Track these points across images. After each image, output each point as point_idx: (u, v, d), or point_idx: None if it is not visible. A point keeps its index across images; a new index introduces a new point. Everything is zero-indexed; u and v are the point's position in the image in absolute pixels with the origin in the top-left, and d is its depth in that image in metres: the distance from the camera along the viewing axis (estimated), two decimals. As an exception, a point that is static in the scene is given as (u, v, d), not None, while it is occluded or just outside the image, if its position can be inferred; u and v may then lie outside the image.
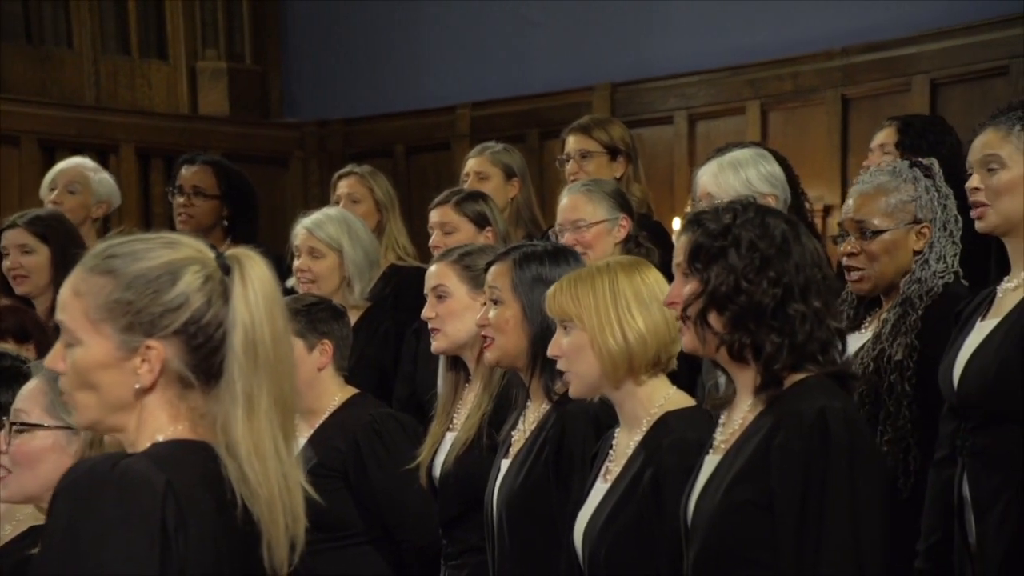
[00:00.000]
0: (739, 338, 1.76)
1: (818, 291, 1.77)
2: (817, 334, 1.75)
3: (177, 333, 1.34)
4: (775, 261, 1.76)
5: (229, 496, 1.32)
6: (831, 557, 1.68)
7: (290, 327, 1.39)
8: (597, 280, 2.02)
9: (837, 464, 1.68)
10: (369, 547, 2.59)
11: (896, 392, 2.37)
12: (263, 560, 1.33)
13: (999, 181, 2.21)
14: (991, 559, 2.18)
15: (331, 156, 5.54)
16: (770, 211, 1.83)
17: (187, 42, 5.52)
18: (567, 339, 2.03)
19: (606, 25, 5.11)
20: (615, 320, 1.99)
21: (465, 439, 2.41)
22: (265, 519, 1.33)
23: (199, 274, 1.36)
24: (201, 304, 1.35)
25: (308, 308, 2.67)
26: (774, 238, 1.77)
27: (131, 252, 1.36)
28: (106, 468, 1.29)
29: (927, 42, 4.39)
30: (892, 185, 2.48)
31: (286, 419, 1.36)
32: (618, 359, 1.99)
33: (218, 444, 1.35)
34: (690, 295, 1.80)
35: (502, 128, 4.88)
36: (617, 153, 3.48)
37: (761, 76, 4.74)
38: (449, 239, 3.19)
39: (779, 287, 1.75)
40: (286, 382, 1.35)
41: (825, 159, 4.59)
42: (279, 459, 1.34)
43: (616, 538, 1.96)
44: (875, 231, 2.46)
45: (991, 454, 2.20)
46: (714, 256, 1.78)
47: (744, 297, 1.76)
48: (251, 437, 1.33)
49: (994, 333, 2.22)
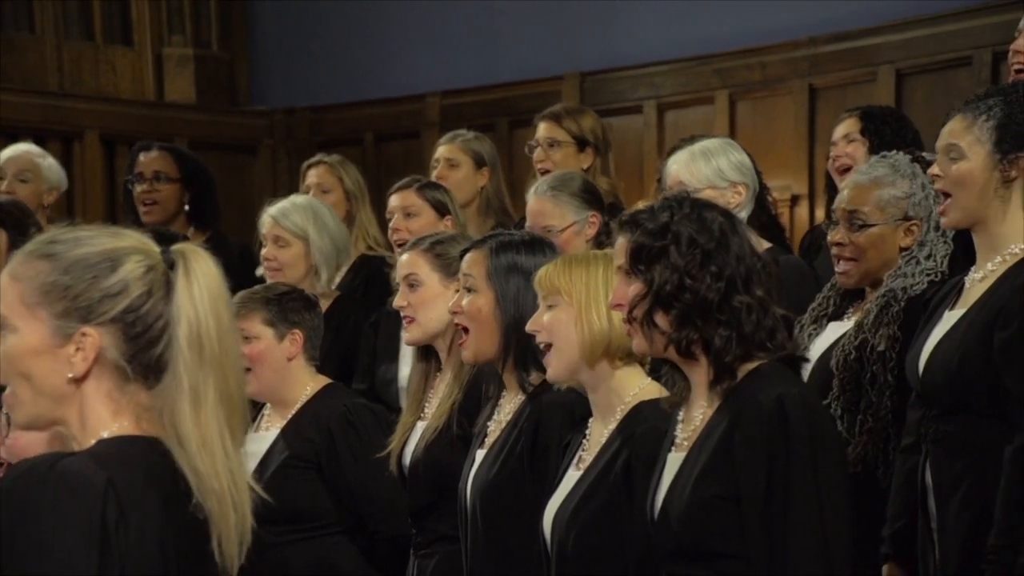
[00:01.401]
0: (687, 335, 1.77)
1: (759, 279, 1.78)
2: (764, 322, 1.77)
3: (115, 321, 1.33)
4: (716, 255, 1.77)
5: (182, 488, 1.32)
6: (798, 543, 1.70)
7: (240, 311, 1.37)
8: (592, 264, 2.04)
9: (799, 450, 1.70)
10: (342, 537, 2.59)
11: (879, 382, 2.39)
12: (214, 555, 1.32)
13: (957, 171, 2.22)
14: (952, 544, 2.22)
15: (300, 144, 5.51)
16: (706, 205, 1.84)
17: (152, 28, 5.45)
18: (549, 315, 2.04)
19: (575, 14, 5.11)
20: (604, 302, 2.00)
21: (435, 428, 2.41)
22: (215, 513, 1.32)
23: (141, 263, 1.35)
24: (141, 293, 1.34)
25: (279, 297, 2.66)
26: (712, 232, 1.78)
27: (73, 238, 1.35)
28: (44, 469, 1.28)
29: (892, 32, 4.43)
30: (889, 179, 2.47)
31: (232, 415, 1.35)
32: (598, 338, 2.00)
33: (167, 438, 1.34)
34: (635, 296, 1.80)
35: (472, 117, 4.86)
36: (586, 144, 3.48)
37: (729, 66, 4.76)
38: (412, 223, 3.19)
39: (722, 280, 1.76)
40: (232, 377, 1.35)
41: (792, 148, 4.62)
42: (226, 455, 1.33)
43: (585, 524, 1.97)
44: (864, 224, 2.47)
45: (953, 441, 2.23)
46: (656, 255, 1.79)
47: (689, 294, 1.77)
48: (199, 431, 1.32)
49: (959, 323, 2.24)
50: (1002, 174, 2.22)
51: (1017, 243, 2.24)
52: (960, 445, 2.22)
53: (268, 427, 2.69)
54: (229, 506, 1.32)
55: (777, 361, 1.77)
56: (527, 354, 2.19)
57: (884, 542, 2.35)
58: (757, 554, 1.72)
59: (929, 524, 2.26)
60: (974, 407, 2.21)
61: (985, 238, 2.27)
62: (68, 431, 1.35)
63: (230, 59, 5.69)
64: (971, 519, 2.19)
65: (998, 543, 2.11)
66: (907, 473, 2.31)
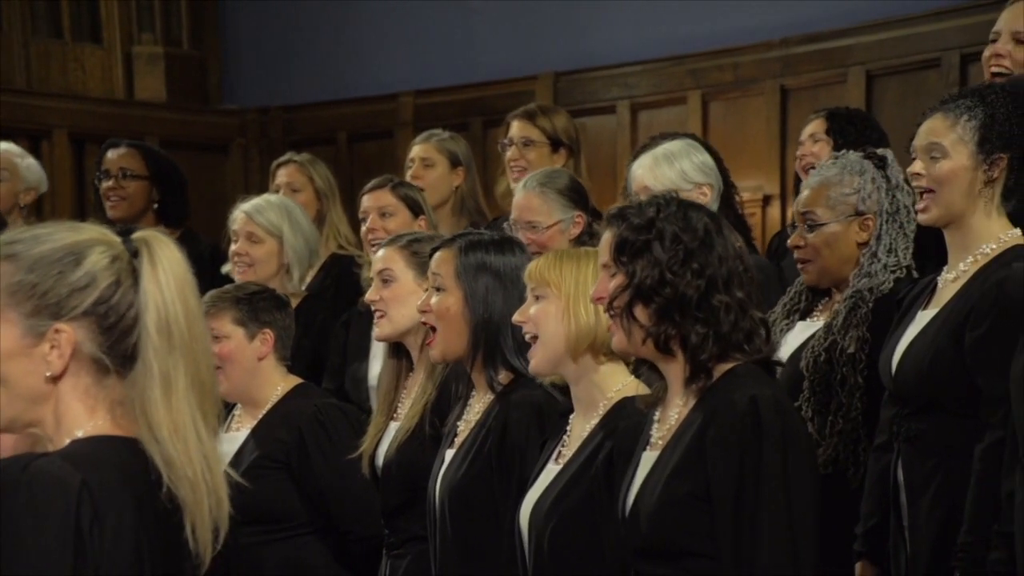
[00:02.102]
0: (665, 330, 1.79)
1: (740, 282, 1.80)
2: (741, 324, 1.78)
3: (86, 314, 1.32)
4: (698, 253, 1.79)
5: (154, 478, 1.31)
6: (767, 542, 1.71)
7: (210, 309, 1.37)
8: (583, 259, 2.05)
9: (770, 451, 1.72)
10: (313, 538, 2.58)
11: (848, 384, 2.41)
12: (188, 546, 1.32)
13: (940, 170, 2.23)
14: (923, 542, 2.23)
15: (272, 143, 5.48)
16: (692, 205, 1.86)
17: (122, 26, 5.40)
18: (536, 307, 2.05)
19: (549, 14, 5.11)
20: (592, 296, 2.00)
21: (408, 428, 2.40)
22: (189, 501, 1.31)
23: (105, 254, 1.34)
24: (109, 283, 1.33)
25: (250, 297, 2.64)
26: (696, 231, 1.80)
27: (32, 237, 1.34)
28: (17, 471, 1.26)
29: (863, 34, 4.46)
30: (836, 178, 2.50)
31: (204, 400, 1.34)
32: (584, 332, 2.01)
33: (141, 436, 1.33)
34: (616, 288, 1.82)
35: (445, 116, 4.86)
36: (559, 145, 3.48)
37: (702, 66, 4.78)
38: (388, 223, 3.18)
39: (703, 279, 1.78)
40: (203, 362, 1.34)
41: (765, 149, 4.65)
42: (199, 440, 1.33)
43: (564, 518, 1.97)
44: (817, 224, 2.49)
45: (924, 440, 2.24)
46: (639, 250, 1.81)
47: (669, 289, 1.78)
48: (170, 418, 1.32)
49: (931, 323, 2.26)
50: (985, 174, 2.23)
51: (989, 243, 2.25)
52: (932, 444, 2.23)
53: (238, 427, 2.67)
54: (203, 492, 1.31)
55: (753, 363, 1.79)
56: (496, 353, 2.19)
57: (857, 540, 2.36)
58: (725, 553, 1.73)
59: (901, 522, 2.27)
60: (946, 406, 2.23)
61: (958, 238, 2.28)
62: (43, 431, 1.34)
63: (201, 58, 5.65)
64: (942, 517, 2.21)
65: (968, 540, 2.13)
66: (880, 471, 2.32)
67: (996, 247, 2.25)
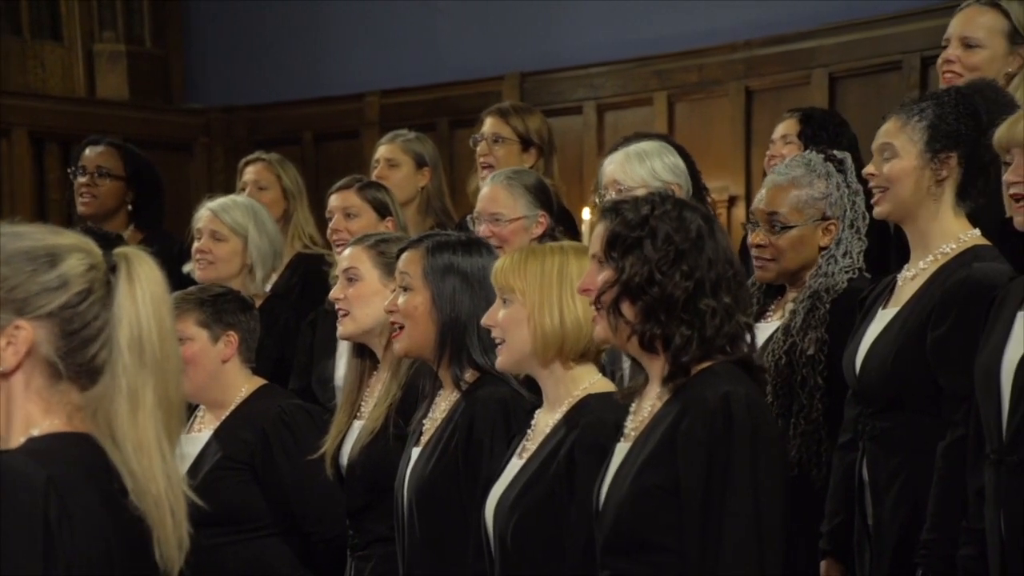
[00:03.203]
0: (650, 328, 1.79)
1: (728, 287, 1.81)
2: (726, 329, 1.79)
3: (51, 316, 1.31)
4: (689, 255, 1.79)
5: (116, 487, 1.30)
6: (733, 538, 1.71)
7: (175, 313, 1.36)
8: (548, 259, 2.04)
9: (740, 448, 1.72)
10: (276, 539, 2.56)
11: (809, 385, 2.43)
12: (154, 556, 1.32)
13: (891, 169, 2.27)
14: (887, 540, 2.25)
15: (237, 143, 5.43)
16: (688, 205, 1.86)
17: (83, 23, 5.33)
18: (504, 311, 2.04)
19: (515, 14, 5.12)
20: (556, 301, 2.00)
21: (372, 428, 2.40)
22: (153, 516, 1.31)
23: (83, 261, 1.34)
24: (80, 290, 1.32)
25: (214, 299, 2.63)
26: (689, 232, 1.80)
27: (13, 232, 1.33)
28: None
29: (826, 36, 4.50)
30: (805, 180, 2.52)
31: (170, 419, 1.34)
32: (551, 339, 2.01)
33: (101, 436, 1.32)
34: (604, 283, 1.82)
35: (412, 116, 4.84)
36: (530, 144, 3.49)
37: (668, 67, 4.81)
38: (351, 224, 3.17)
39: (691, 281, 1.79)
40: (172, 382, 1.34)
41: (729, 150, 4.68)
42: (163, 458, 1.32)
43: (526, 512, 1.97)
44: (784, 225, 2.51)
45: (889, 438, 2.26)
46: (630, 246, 1.81)
47: (657, 288, 1.79)
48: (136, 434, 1.31)
49: (894, 321, 2.28)
50: (934, 172, 2.27)
51: (948, 242, 2.28)
52: (896, 442, 2.25)
53: (201, 428, 2.65)
54: (166, 510, 1.31)
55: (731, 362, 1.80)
56: (462, 352, 2.19)
57: (822, 538, 2.38)
58: (691, 548, 1.74)
59: (865, 520, 2.29)
60: (909, 404, 2.25)
61: (917, 237, 2.32)
62: None
63: (164, 56, 5.59)
64: (906, 514, 2.23)
65: (931, 537, 2.15)
66: (844, 470, 2.34)
67: (956, 246, 2.28)
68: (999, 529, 1.95)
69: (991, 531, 1.97)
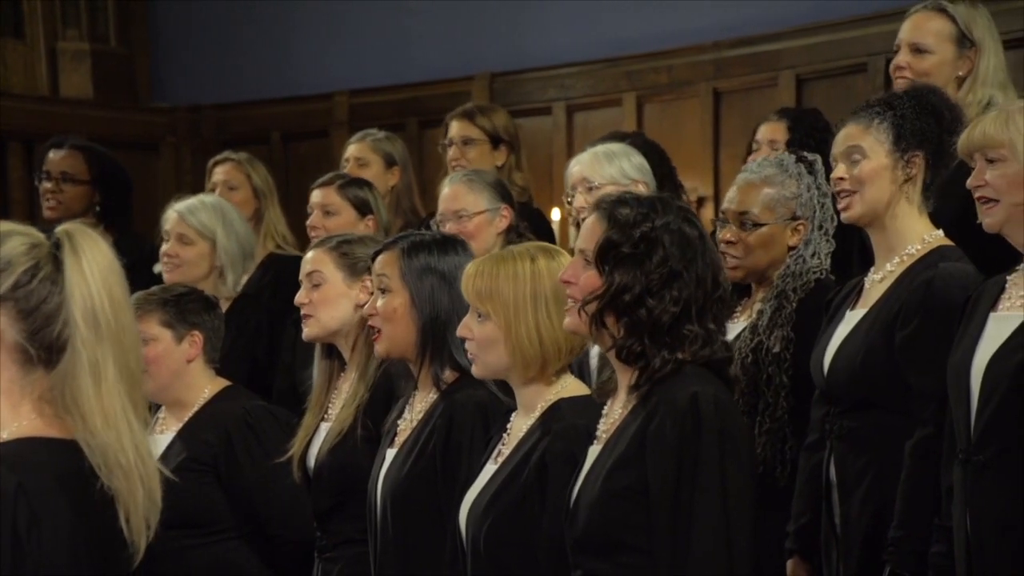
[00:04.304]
0: (631, 345, 1.79)
1: (712, 310, 1.80)
2: (703, 352, 1.79)
3: (4, 299, 1.32)
4: (681, 277, 1.78)
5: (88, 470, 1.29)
6: (702, 537, 1.72)
7: (129, 298, 1.37)
8: (519, 273, 1.99)
9: (708, 448, 1.73)
10: (240, 542, 2.55)
11: (774, 383, 2.45)
12: (123, 535, 1.31)
13: (862, 171, 2.29)
14: (854, 538, 2.26)
15: (205, 142, 5.39)
16: (688, 219, 1.83)
17: (46, 21, 5.27)
18: (480, 327, 2.01)
19: (485, 15, 5.12)
20: (532, 320, 1.97)
21: (339, 429, 2.39)
22: (123, 490, 1.31)
23: (23, 242, 1.34)
24: (27, 268, 1.33)
25: (177, 299, 2.60)
26: (685, 251, 1.79)
27: None
28: None
29: (793, 38, 4.54)
30: (778, 180, 2.54)
31: (133, 389, 1.34)
32: (530, 360, 1.99)
33: (74, 429, 1.32)
34: (590, 292, 1.80)
35: (381, 116, 4.83)
36: (499, 142, 3.49)
37: (637, 68, 4.83)
38: (329, 221, 3.15)
39: (679, 305, 1.78)
40: (131, 352, 1.34)
41: (698, 151, 4.70)
42: (131, 429, 1.33)
43: (498, 517, 1.97)
44: (755, 223, 2.53)
45: (856, 437, 2.28)
46: (623, 260, 1.79)
47: (644, 311, 1.78)
48: (101, 407, 1.31)
49: (862, 322, 2.30)
50: (904, 171, 2.29)
51: (914, 244, 2.31)
52: (863, 441, 2.27)
53: (163, 430, 2.63)
54: (136, 480, 1.31)
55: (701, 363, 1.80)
56: (443, 351, 2.18)
57: (788, 537, 2.39)
58: (660, 548, 1.74)
59: (832, 519, 2.31)
60: (877, 404, 2.27)
61: (882, 238, 2.34)
62: None
63: (129, 54, 5.53)
64: (873, 513, 2.24)
65: (899, 534, 2.17)
66: (811, 469, 2.36)
67: (921, 247, 2.30)
68: (966, 527, 1.97)
69: (958, 529, 1.99)
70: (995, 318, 1.99)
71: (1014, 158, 1.97)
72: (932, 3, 2.85)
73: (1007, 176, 1.97)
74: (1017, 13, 3.95)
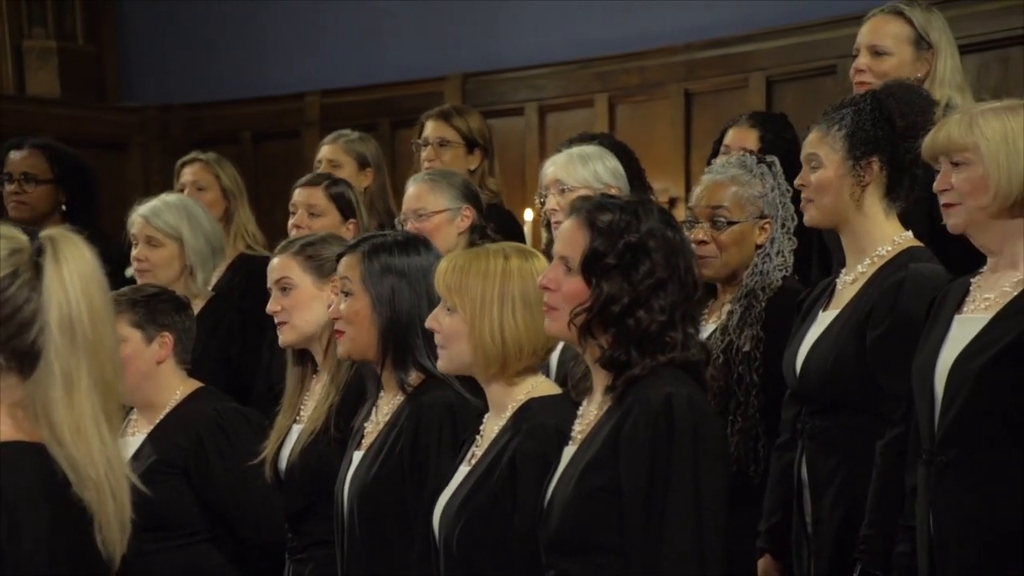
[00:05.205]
0: (618, 356, 1.79)
1: (691, 315, 1.82)
2: (679, 356, 1.80)
3: None
4: (667, 285, 1.79)
5: (61, 479, 1.28)
6: (674, 538, 1.73)
7: (112, 308, 1.35)
8: (489, 273, 1.99)
9: (681, 449, 1.74)
10: (211, 545, 2.54)
11: (745, 382, 2.47)
12: (98, 548, 1.30)
13: (817, 179, 2.34)
14: (824, 538, 2.29)
15: (175, 142, 5.35)
16: (670, 223, 1.83)
17: (11, 19, 5.21)
18: (447, 320, 2.01)
19: (458, 15, 5.11)
20: (497, 318, 1.97)
21: (311, 431, 2.38)
22: (94, 502, 1.30)
23: (4, 247, 1.32)
24: (6, 274, 1.31)
25: (148, 299, 2.58)
26: (670, 257, 1.79)
27: None
28: None
29: (763, 40, 4.57)
30: (744, 179, 2.58)
31: (108, 401, 1.32)
32: (491, 357, 1.99)
33: (44, 439, 1.30)
34: (578, 303, 1.80)
35: (353, 116, 4.81)
36: (474, 145, 3.49)
37: (609, 70, 4.84)
38: (314, 222, 3.14)
39: (665, 314, 1.79)
40: (107, 363, 1.32)
41: (670, 152, 4.73)
42: (102, 442, 1.31)
43: (470, 519, 1.97)
44: (729, 221, 2.55)
45: (827, 437, 2.30)
46: (609, 270, 1.79)
47: (632, 321, 1.78)
48: (72, 418, 1.30)
49: (834, 323, 2.32)
50: (856, 179, 2.33)
51: (884, 245, 2.33)
52: (834, 441, 2.29)
53: (134, 432, 2.61)
54: (107, 494, 1.30)
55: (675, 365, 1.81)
56: (406, 354, 2.18)
57: (760, 536, 2.41)
58: (633, 548, 1.75)
59: (804, 519, 2.33)
60: (848, 404, 2.29)
61: (852, 241, 2.37)
62: None
63: (97, 53, 5.48)
64: (844, 512, 2.26)
65: (869, 533, 2.18)
66: (782, 469, 2.38)
67: (891, 249, 2.33)
68: (929, 527, 1.99)
69: (921, 529, 2.01)
70: (959, 320, 2.01)
71: (978, 161, 1.99)
72: (889, 7, 2.92)
73: (972, 179, 1.99)
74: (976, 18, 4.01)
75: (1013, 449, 1.92)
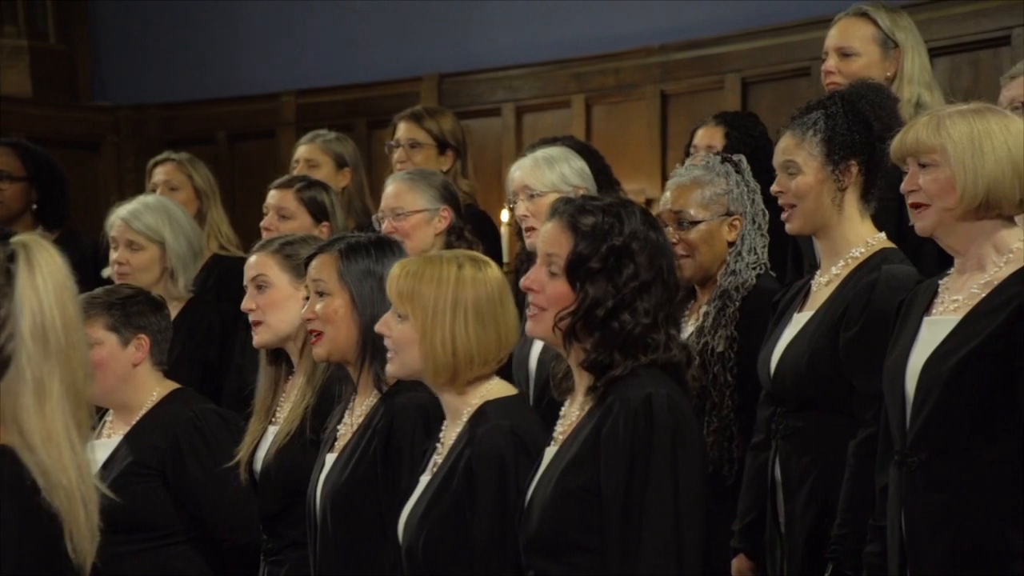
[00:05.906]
0: (601, 359, 1.80)
1: (673, 317, 1.82)
2: (662, 357, 1.81)
3: None
4: (651, 287, 1.79)
5: (29, 485, 1.27)
6: (652, 537, 1.74)
7: (82, 315, 1.34)
8: (443, 277, 1.97)
9: (660, 449, 1.75)
10: (187, 547, 2.52)
11: (720, 383, 2.49)
12: (68, 553, 1.29)
13: (798, 186, 2.35)
14: (797, 537, 2.30)
15: (148, 142, 5.31)
16: (654, 224, 1.83)
17: (-19, 18, 5.15)
18: (398, 327, 2.00)
19: (434, 15, 5.11)
20: (448, 328, 1.96)
21: (287, 432, 2.37)
22: (65, 509, 1.29)
23: None
24: None
25: (123, 301, 2.56)
26: (654, 258, 1.79)
27: None
28: None
29: (738, 42, 4.60)
30: (707, 179, 2.60)
31: (79, 409, 1.32)
32: (441, 367, 1.98)
33: (13, 444, 1.29)
34: (562, 307, 1.80)
35: (329, 116, 4.80)
36: (446, 147, 3.49)
37: (585, 70, 4.85)
38: (283, 225, 3.13)
39: (649, 316, 1.79)
40: (79, 371, 1.32)
41: (646, 152, 4.74)
42: (73, 449, 1.30)
43: (432, 527, 1.96)
44: (692, 221, 2.57)
45: (801, 437, 2.32)
46: (594, 274, 1.78)
47: (617, 324, 1.79)
48: (43, 425, 1.29)
49: (808, 324, 2.34)
50: (836, 183, 2.34)
51: (858, 247, 2.35)
52: (808, 441, 2.31)
53: (110, 434, 2.59)
54: (78, 502, 1.29)
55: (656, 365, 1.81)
56: (383, 354, 2.16)
57: (734, 536, 2.42)
58: (611, 548, 1.75)
59: (777, 518, 2.34)
60: (822, 404, 2.31)
61: (827, 243, 2.38)
62: None
63: (70, 52, 5.43)
64: (817, 511, 2.28)
65: (842, 532, 2.20)
66: (756, 469, 2.39)
67: (865, 250, 2.35)
68: (900, 527, 2.00)
69: (892, 529, 2.02)
70: (929, 322, 2.03)
71: (946, 163, 2.00)
72: (855, 9, 2.98)
73: (939, 181, 2.00)
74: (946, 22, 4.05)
75: (983, 450, 1.94)
